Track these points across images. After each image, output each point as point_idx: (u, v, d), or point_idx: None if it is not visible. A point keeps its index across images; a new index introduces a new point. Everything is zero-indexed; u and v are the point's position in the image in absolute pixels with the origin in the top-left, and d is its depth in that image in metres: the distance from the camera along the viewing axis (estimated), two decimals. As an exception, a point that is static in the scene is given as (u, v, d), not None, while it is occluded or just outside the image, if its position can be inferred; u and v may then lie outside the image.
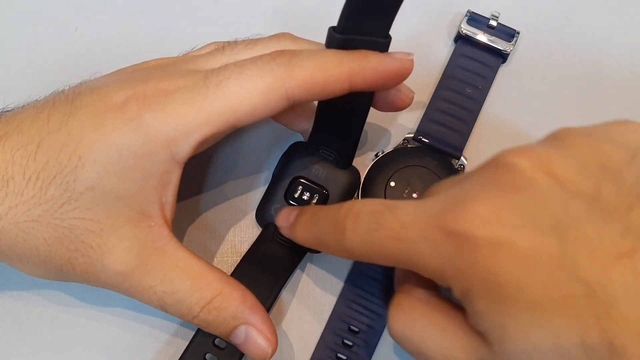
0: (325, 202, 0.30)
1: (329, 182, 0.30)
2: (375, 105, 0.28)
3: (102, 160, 0.22)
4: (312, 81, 0.23)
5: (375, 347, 0.30)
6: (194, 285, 0.24)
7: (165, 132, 0.23)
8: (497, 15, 0.34)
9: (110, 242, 0.23)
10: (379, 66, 0.24)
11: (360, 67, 0.23)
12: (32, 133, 0.23)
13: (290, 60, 0.23)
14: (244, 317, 0.25)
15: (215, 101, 0.23)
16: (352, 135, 0.29)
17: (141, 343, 0.30)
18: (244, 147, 0.33)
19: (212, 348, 0.27)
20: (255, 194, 0.32)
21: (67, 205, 0.23)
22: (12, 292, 0.30)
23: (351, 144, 0.30)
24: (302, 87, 0.23)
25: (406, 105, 0.28)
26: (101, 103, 0.23)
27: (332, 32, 0.24)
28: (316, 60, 0.23)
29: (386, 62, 0.24)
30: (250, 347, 0.25)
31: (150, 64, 0.27)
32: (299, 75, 0.23)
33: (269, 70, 0.23)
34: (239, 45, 0.26)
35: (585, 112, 0.34)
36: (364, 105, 0.27)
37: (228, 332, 0.25)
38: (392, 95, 0.27)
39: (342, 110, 0.27)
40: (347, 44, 0.24)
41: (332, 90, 0.24)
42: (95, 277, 0.24)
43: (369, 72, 0.24)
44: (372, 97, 0.27)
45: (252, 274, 0.28)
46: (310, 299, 0.31)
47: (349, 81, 0.23)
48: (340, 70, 0.23)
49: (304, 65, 0.23)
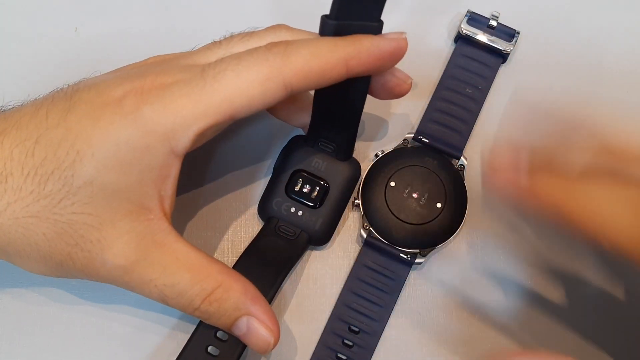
0: (326, 194, 0.30)
1: (329, 174, 0.30)
2: (374, 93, 0.28)
3: (100, 154, 0.22)
4: (309, 69, 0.23)
5: (376, 347, 0.30)
6: (194, 277, 0.24)
7: (164, 125, 0.23)
8: (497, 15, 0.34)
9: (110, 235, 0.23)
10: (373, 48, 0.24)
11: (355, 50, 0.24)
12: (31, 129, 0.23)
13: (286, 49, 0.23)
14: (246, 308, 0.25)
15: (213, 93, 0.23)
16: (350, 126, 0.29)
17: (142, 337, 0.30)
18: (245, 142, 0.33)
19: (214, 341, 0.27)
20: (256, 188, 0.32)
21: (66, 200, 0.23)
22: (12, 290, 0.30)
23: (349, 135, 0.30)
24: (299, 76, 0.23)
25: (404, 92, 0.28)
26: (99, 99, 0.23)
27: (325, 19, 0.24)
28: (311, 48, 0.23)
29: (381, 44, 0.24)
30: (252, 338, 0.25)
31: (148, 61, 0.27)
32: (295, 64, 0.23)
33: (265, 60, 0.23)
34: (235, 39, 0.26)
35: (585, 112, 0.34)
36: (360, 95, 0.27)
37: (230, 323, 0.25)
38: (390, 82, 0.27)
39: (338, 101, 0.27)
40: (341, 30, 0.24)
41: (330, 77, 0.24)
42: (96, 272, 0.24)
43: (364, 55, 0.24)
44: (367, 86, 0.27)
45: (254, 267, 0.28)
46: (310, 298, 0.31)
47: (345, 66, 0.24)
48: (336, 55, 0.23)
49: (300, 54, 0.23)
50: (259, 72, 0.23)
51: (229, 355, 0.26)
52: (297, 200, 0.30)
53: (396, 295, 0.30)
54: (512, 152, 0.25)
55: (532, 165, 0.25)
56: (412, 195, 0.31)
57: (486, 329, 0.30)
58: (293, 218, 0.30)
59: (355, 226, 0.32)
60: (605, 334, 0.31)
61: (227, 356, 0.26)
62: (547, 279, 0.31)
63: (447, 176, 0.31)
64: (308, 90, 0.24)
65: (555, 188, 0.24)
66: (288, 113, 0.30)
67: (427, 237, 0.30)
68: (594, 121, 0.30)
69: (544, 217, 0.24)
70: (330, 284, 0.31)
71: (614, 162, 0.23)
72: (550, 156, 0.25)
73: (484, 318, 0.31)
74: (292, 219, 0.30)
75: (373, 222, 0.31)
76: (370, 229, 0.31)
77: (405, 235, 0.30)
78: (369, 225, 0.31)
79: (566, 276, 0.31)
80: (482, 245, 0.32)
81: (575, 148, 0.25)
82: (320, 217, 0.30)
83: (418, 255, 0.30)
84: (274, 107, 0.30)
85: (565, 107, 0.34)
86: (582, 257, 0.32)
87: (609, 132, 0.21)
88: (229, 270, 0.25)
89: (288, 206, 0.30)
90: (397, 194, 0.31)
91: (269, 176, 0.31)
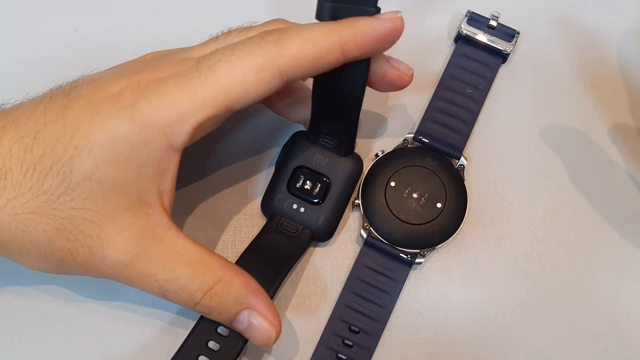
0: (328, 190, 0.30)
1: (330, 170, 0.30)
2: (374, 85, 0.28)
3: (97, 149, 0.22)
4: (304, 55, 0.23)
5: (376, 347, 0.30)
6: (195, 271, 0.24)
7: (160, 119, 0.23)
8: (497, 15, 0.34)
9: (109, 231, 0.23)
10: (369, 30, 0.24)
11: (351, 34, 0.23)
12: (29, 125, 0.23)
13: (279, 37, 0.23)
14: (247, 302, 0.24)
15: (208, 85, 0.23)
16: (349, 120, 0.29)
17: (142, 333, 0.30)
18: (245, 136, 0.33)
19: (215, 336, 0.26)
20: (257, 183, 0.32)
21: (65, 195, 0.23)
22: (12, 288, 0.30)
23: (350, 130, 0.29)
24: (294, 63, 0.23)
25: (406, 83, 0.27)
26: (97, 94, 0.23)
27: (322, 2, 0.24)
28: (305, 34, 0.23)
29: (376, 25, 0.24)
30: (253, 332, 0.25)
31: (145, 57, 0.27)
32: (289, 51, 0.23)
33: (259, 49, 0.23)
34: (232, 33, 0.26)
35: (585, 112, 0.34)
36: (360, 83, 0.27)
37: (231, 317, 0.25)
38: (391, 74, 0.27)
39: (337, 92, 0.27)
40: (337, 12, 0.24)
41: (326, 62, 0.24)
42: (96, 267, 0.24)
43: (360, 38, 0.23)
44: (366, 72, 0.26)
45: (256, 263, 0.28)
46: (310, 298, 0.31)
47: (341, 50, 0.23)
48: (330, 40, 0.23)
49: (294, 40, 0.23)
50: (253, 61, 0.23)
51: (230, 351, 0.26)
52: (299, 197, 0.30)
53: (396, 295, 0.30)
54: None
55: None
56: (412, 195, 0.31)
57: (486, 329, 0.30)
58: (295, 215, 0.30)
59: (355, 226, 0.32)
60: (605, 333, 0.31)
61: (228, 351, 0.26)
62: (548, 279, 0.31)
63: (447, 176, 0.31)
64: (305, 77, 0.24)
65: None
66: (286, 107, 0.30)
67: (427, 237, 0.30)
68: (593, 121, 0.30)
69: None
70: (331, 284, 0.31)
71: None
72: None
73: (484, 318, 0.31)
74: (294, 216, 0.30)
75: (373, 222, 0.31)
76: (370, 229, 0.31)
77: (405, 235, 0.30)
78: (369, 225, 0.31)
79: (566, 275, 0.31)
80: (482, 245, 0.32)
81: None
82: (323, 214, 0.30)
83: (418, 255, 0.30)
84: (273, 101, 0.30)
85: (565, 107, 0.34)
86: (581, 256, 0.32)
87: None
88: (230, 264, 0.25)
89: (290, 203, 0.30)
90: (397, 194, 0.31)
91: (270, 171, 0.31)
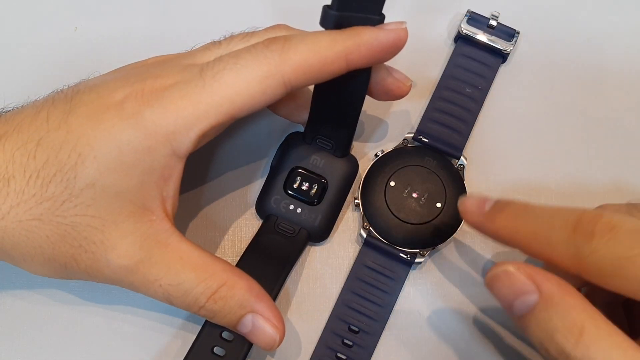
0: (324, 191, 0.30)
1: (327, 171, 0.30)
2: (373, 94, 0.28)
3: (101, 156, 0.22)
4: (308, 64, 0.23)
5: (375, 347, 0.30)
6: (198, 276, 0.24)
7: (165, 127, 0.23)
8: (497, 15, 0.34)
9: (113, 237, 0.23)
10: (373, 41, 0.24)
11: (355, 44, 0.23)
12: (32, 131, 0.23)
13: (284, 45, 0.23)
14: (251, 305, 0.25)
15: (213, 93, 0.23)
16: (348, 124, 0.29)
17: (147, 338, 0.30)
18: (243, 140, 0.33)
19: (220, 341, 0.27)
20: (255, 186, 0.32)
21: (68, 202, 0.23)
22: (14, 292, 0.30)
23: (348, 132, 0.30)
24: (298, 72, 0.23)
25: (404, 93, 0.28)
26: (100, 101, 0.23)
27: (327, 10, 0.24)
28: (309, 43, 0.23)
29: (380, 36, 0.24)
30: (257, 335, 0.25)
31: (148, 62, 0.27)
32: (294, 60, 0.23)
33: (264, 57, 0.23)
34: (235, 39, 0.26)
35: (586, 112, 0.34)
36: (360, 89, 0.27)
37: (235, 321, 0.25)
38: (390, 84, 0.27)
39: (337, 98, 0.27)
40: (341, 21, 0.24)
41: (330, 71, 0.24)
42: (100, 273, 0.24)
43: (364, 48, 0.24)
44: (367, 80, 0.27)
45: (256, 265, 0.28)
46: (310, 298, 0.31)
47: (345, 60, 0.23)
48: (335, 50, 0.23)
49: (298, 50, 0.23)
50: (258, 70, 0.23)
51: (235, 356, 0.27)
52: (295, 198, 0.30)
53: (396, 295, 0.30)
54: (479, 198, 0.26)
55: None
56: (412, 195, 0.31)
57: (486, 329, 0.30)
58: (292, 215, 0.30)
59: (355, 226, 0.32)
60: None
61: (233, 356, 0.27)
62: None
63: (447, 176, 0.31)
64: (308, 86, 0.24)
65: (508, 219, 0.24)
66: (290, 110, 0.30)
67: (427, 237, 0.30)
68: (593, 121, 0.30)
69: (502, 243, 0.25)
70: (330, 283, 0.31)
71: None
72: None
73: (484, 317, 0.31)
74: (291, 217, 0.30)
75: (373, 222, 0.31)
76: (370, 229, 0.31)
77: (405, 235, 0.30)
78: (369, 225, 0.31)
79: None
80: (482, 245, 0.32)
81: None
82: (320, 214, 0.30)
83: (418, 255, 0.30)
84: (275, 104, 0.30)
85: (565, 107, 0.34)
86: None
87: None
88: (233, 268, 0.25)
89: (287, 204, 0.30)
90: (397, 193, 0.31)
91: (267, 173, 0.31)
